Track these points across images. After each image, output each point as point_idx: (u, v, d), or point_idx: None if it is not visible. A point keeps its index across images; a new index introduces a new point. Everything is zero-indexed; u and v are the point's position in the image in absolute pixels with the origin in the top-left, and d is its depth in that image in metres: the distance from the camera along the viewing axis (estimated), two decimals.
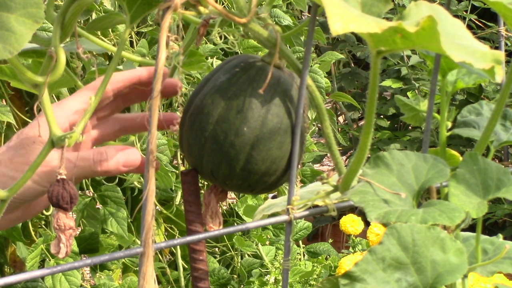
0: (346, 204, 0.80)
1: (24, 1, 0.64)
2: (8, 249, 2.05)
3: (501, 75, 0.63)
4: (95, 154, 0.86)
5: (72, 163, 0.84)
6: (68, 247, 0.72)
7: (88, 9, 1.63)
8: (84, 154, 0.86)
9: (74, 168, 0.85)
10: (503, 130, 0.91)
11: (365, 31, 0.62)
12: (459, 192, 0.76)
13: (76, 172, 0.85)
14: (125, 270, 2.27)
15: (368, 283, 0.67)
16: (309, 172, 2.35)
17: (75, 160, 0.85)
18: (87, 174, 0.89)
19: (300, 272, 2.27)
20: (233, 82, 0.81)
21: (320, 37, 2.32)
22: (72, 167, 0.84)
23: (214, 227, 0.86)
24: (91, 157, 0.85)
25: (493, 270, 0.82)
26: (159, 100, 0.66)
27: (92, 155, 0.86)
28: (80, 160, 0.85)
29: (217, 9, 0.72)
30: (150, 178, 0.66)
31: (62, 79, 1.18)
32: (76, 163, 0.85)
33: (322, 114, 0.80)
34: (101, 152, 0.86)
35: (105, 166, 0.86)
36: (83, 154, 0.86)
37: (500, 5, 0.71)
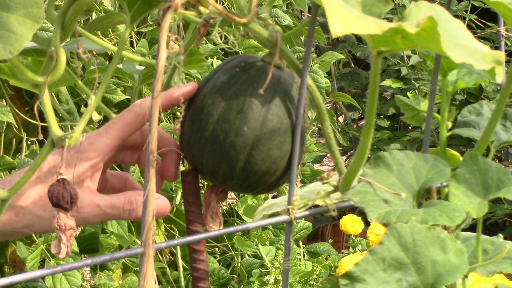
0: (346, 204, 0.80)
1: (24, 1, 0.64)
2: (8, 249, 2.05)
3: (501, 75, 0.63)
4: (126, 203, 0.84)
5: (101, 210, 0.83)
6: (68, 247, 0.72)
7: (88, 9, 1.63)
8: (115, 202, 0.83)
9: (103, 215, 0.83)
10: (503, 130, 0.91)
11: (365, 33, 0.62)
12: (459, 192, 0.76)
13: (104, 218, 0.84)
14: (125, 270, 2.27)
15: (368, 283, 0.67)
16: (309, 172, 2.35)
17: (105, 208, 0.83)
18: (113, 219, 0.87)
19: (300, 272, 2.27)
20: (233, 82, 0.81)
21: (320, 37, 2.32)
22: (101, 214, 0.83)
23: (214, 227, 0.86)
24: (121, 206, 0.83)
25: (494, 270, 0.82)
26: (159, 100, 0.66)
27: (123, 204, 0.84)
28: (110, 208, 0.83)
29: (217, 9, 0.72)
30: (150, 178, 0.66)
31: (62, 78, 1.18)
32: (105, 210, 0.83)
33: (322, 114, 0.80)
34: (131, 201, 0.84)
35: (134, 215, 0.84)
36: (114, 202, 0.83)
37: (500, 5, 0.71)
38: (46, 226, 0.83)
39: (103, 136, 0.84)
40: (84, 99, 1.84)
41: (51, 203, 0.71)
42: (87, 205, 0.82)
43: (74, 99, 1.77)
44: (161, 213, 0.85)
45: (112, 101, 1.91)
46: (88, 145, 0.83)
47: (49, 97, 0.72)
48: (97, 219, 0.84)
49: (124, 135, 0.84)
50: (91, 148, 0.83)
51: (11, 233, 0.85)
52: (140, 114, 0.84)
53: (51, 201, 0.71)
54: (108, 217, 0.84)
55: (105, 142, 0.84)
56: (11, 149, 2.05)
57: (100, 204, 0.83)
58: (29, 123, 2.03)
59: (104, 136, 0.84)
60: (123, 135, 0.84)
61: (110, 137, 0.84)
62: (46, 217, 0.82)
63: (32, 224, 0.83)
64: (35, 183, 0.82)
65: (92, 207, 0.83)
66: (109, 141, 0.84)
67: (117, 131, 0.84)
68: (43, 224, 0.83)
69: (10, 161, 1.72)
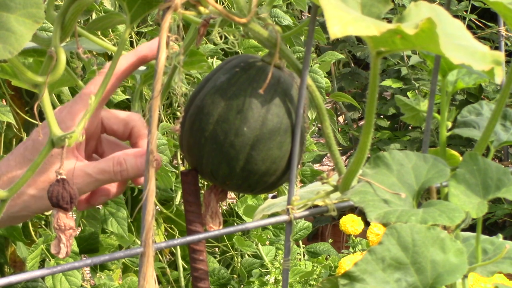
0: (346, 204, 0.80)
1: (24, 1, 0.64)
2: (8, 249, 2.05)
3: (500, 76, 0.63)
4: (115, 165, 0.83)
5: (92, 177, 0.83)
6: (68, 247, 0.72)
7: (88, 9, 1.64)
8: (104, 166, 0.83)
9: (95, 182, 0.83)
10: (503, 130, 0.91)
11: (364, 34, 0.62)
12: (459, 192, 0.76)
13: (97, 184, 0.84)
14: (125, 270, 2.27)
15: (367, 283, 0.67)
16: (309, 172, 2.35)
17: (95, 174, 0.83)
18: (107, 184, 0.87)
19: (300, 272, 2.27)
20: (233, 82, 0.81)
21: (320, 37, 2.32)
22: (93, 181, 0.83)
23: (214, 227, 0.86)
24: (111, 169, 0.83)
25: (493, 270, 0.82)
26: (159, 100, 0.66)
27: (112, 167, 0.83)
28: (100, 173, 0.83)
29: (217, 9, 0.72)
30: (150, 178, 0.66)
31: (63, 79, 1.18)
32: (96, 176, 0.83)
33: (322, 114, 0.80)
34: (120, 162, 0.83)
35: (125, 175, 0.84)
36: (103, 166, 0.83)
37: (500, 5, 0.71)
38: (42, 205, 0.83)
39: (79, 103, 0.83)
40: None
41: (50, 203, 0.71)
42: (77, 175, 0.82)
43: None
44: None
45: (112, 101, 1.91)
46: (66, 114, 0.82)
47: (49, 97, 0.72)
48: (91, 187, 0.84)
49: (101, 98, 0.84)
50: (69, 117, 0.82)
51: (10, 219, 0.85)
52: (114, 75, 0.83)
53: (50, 201, 0.71)
54: (101, 182, 0.84)
55: (81, 109, 0.82)
56: (11, 149, 2.05)
57: (90, 172, 0.82)
58: (29, 123, 2.03)
59: (79, 103, 0.83)
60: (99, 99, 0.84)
61: (86, 103, 0.82)
62: (39, 196, 0.82)
63: (28, 205, 0.82)
64: (23, 163, 0.82)
65: (82, 177, 0.82)
66: (85, 107, 0.82)
67: (90, 95, 0.83)
68: (39, 203, 0.82)
69: None
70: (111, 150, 0.90)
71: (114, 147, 0.90)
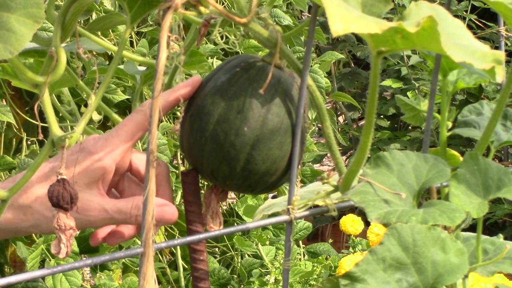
0: (346, 204, 0.80)
1: (24, 1, 0.64)
2: (8, 249, 2.05)
3: (501, 75, 0.63)
4: (133, 208, 0.83)
5: (108, 214, 0.82)
6: (68, 247, 0.72)
7: (89, 9, 1.63)
8: (122, 207, 0.83)
9: (109, 219, 0.83)
10: (504, 130, 0.91)
11: (365, 32, 0.62)
12: (459, 192, 0.76)
13: (110, 222, 0.84)
14: (125, 270, 2.27)
15: (368, 283, 0.67)
16: (309, 172, 2.35)
17: (112, 212, 0.82)
18: (120, 224, 0.87)
19: (300, 272, 2.27)
20: (233, 82, 0.81)
21: (320, 37, 2.32)
22: (108, 218, 0.82)
23: (215, 227, 0.86)
24: (128, 211, 0.83)
25: (494, 270, 0.82)
26: (159, 100, 0.66)
27: (130, 209, 0.83)
28: (117, 213, 0.82)
29: (217, 9, 0.72)
30: (150, 178, 0.66)
31: (63, 79, 1.18)
32: (112, 215, 0.82)
33: (323, 114, 0.80)
34: (138, 206, 0.83)
35: (140, 220, 0.83)
36: (121, 206, 0.83)
37: (500, 5, 0.71)
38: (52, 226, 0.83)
39: (115, 137, 0.84)
40: (84, 99, 1.84)
41: (51, 203, 0.71)
42: (93, 208, 0.82)
43: (74, 99, 1.77)
44: (169, 220, 0.84)
45: (112, 101, 1.91)
46: (100, 146, 0.83)
47: (49, 97, 0.72)
48: (104, 223, 0.83)
49: (134, 135, 0.84)
50: (103, 149, 0.83)
51: (17, 232, 0.85)
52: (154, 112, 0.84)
53: (51, 201, 0.71)
54: (115, 221, 0.83)
55: (117, 143, 0.83)
56: (11, 149, 2.05)
57: (107, 208, 0.82)
58: (29, 123, 2.03)
59: (115, 137, 0.84)
60: (134, 136, 0.84)
61: (121, 138, 0.83)
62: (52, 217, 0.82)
63: (39, 224, 0.82)
64: (43, 184, 0.82)
65: (99, 211, 0.82)
66: (121, 142, 0.83)
67: (127, 132, 0.84)
68: (50, 225, 0.82)
69: (10, 161, 1.72)
70: (131, 189, 0.90)
71: (134, 187, 0.90)
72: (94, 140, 0.84)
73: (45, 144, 0.72)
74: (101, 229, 0.89)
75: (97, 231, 0.89)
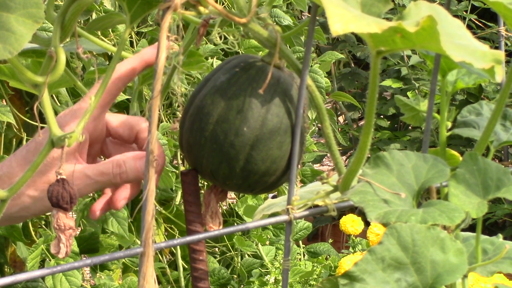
0: (346, 204, 0.80)
1: (24, 1, 0.64)
2: (8, 249, 2.05)
3: (501, 75, 0.63)
4: (114, 167, 0.83)
5: (92, 179, 0.83)
6: (68, 247, 0.72)
7: (88, 9, 1.63)
8: (103, 169, 0.83)
9: (94, 184, 0.83)
10: (503, 130, 0.91)
11: (365, 31, 0.62)
12: (459, 192, 0.76)
13: (96, 186, 0.84)
14: (125, 270, 2.27)
15: (367, 283, 0.67)
16: (309, 172, 2.35)
17: (94, 176, 0.83)
18: (107, 186, 0.87)
19: (300, 272, 2.27)
20: (233, 82, 0.81)
21: (320, 37, 2.31)
22: (92, 183, 0.83)
23: (214, 227, 0.86)
24: (110, 171, 0.83)
25: (493, 270, 0.82)
26: (159, 100, 0.66)
27: (112, 169, 0.83)
28: (99, 175, 0.83)
29: (217, 9, 0.72)
30: (150, 178, 0.66)
31: (62, 79, 1.18)
32: (95, 178, 0.83)
33: (322, 114, 0.80)
34: (119, 164, 0.83)
35: (125, 177, 0.84)
36: (102, 168, 0.83)
37: (500, 5, 0.71)
38: (42, 206, 0.83)
39: (83, 107, 0.84)
40: None
41: (50, 203, 0.71)
42: (76, 177, 0.82)
43: (73, 99, 1.77)
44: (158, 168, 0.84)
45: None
46: (71, 118, 0.83)
47: (49, 97, 0.72)
48: (90, 189, 0.84)
49: (104, 101, 0.84)
50: (73, 121, 0.83)
51: (10, 219, 0.85)
52: (117, 78, 0.84)
53: (50, 201, 0.71)
54: (100, 185, 0.84)
55: None
56: (11, 149, 2.05)
57: (89, 174, 0.83)
58: (29, 123, 2.03)
59: (83, 107, 0.83)
60: (103, 102, 0.84)
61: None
62: (39, 197, 0.82)
63: (27, 206, 0.83)
64: (23, 164, 0.83)
65: (81, 179, 0.83)
66: None
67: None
68: (38, 205, 0.83)
69: None
70: (117, 151, 0.90)
71: (120, 148, 0.90)
72: (64, 113, 0.84)
73: (45, 144, 0.72)
74: (96, 203, 0.89)
75: (93, 206, 0.89)
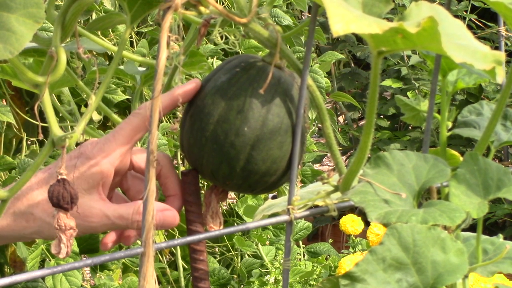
0: (346, 204, 0.80)
1: (24, 1, 0.64)
2: (8, 249, 2.05)
3: (501, 75, 0.63)
4: (134, 214, 0.82)
5: (110, 220, 0.82)
6: (68, 247, 0.72)
7: (89, 9, 1.63)
8: (123, 212, 0.82)
9: (111, 225, 0.82)
10: (504, 130, 0.91)
11: (366, 32, 0.62)
12: (459, 192, 0.76)
13: (112, 227, 0.83)
14: (125, 270, 2.27)
15: (368, 283, 0.67)
16: (309, 172, 2.35)
17: (113, 218, 0.82)
18: (122, 229, 0.86)
19: (300, 272, 2.27)
20: (233, 82, 0.81)
21: (320, 37, 2.31)
22: (109, 224, 0.82)
23: (215, 227, 0.86)
24: (129, 217, 0.82)
25: (494, 270, 0.82)
26: (159, 100, 0.66)
27: (131, 215, 0.82)
28: (118, 218, 0.82)
29: (217, 9, 0.72)
30: (150, 178, 0.66)
31: (63, 79, 1.18)
32: (113, 220, 0.82)
33: (323, 114, 0.80)
34: (140, 212, 0.82)
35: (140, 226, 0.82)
36: (122, 212, 0.82)
37: (500, 5, 0.71)
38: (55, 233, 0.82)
39: (112, 141, 0.83)
40: (84, 99, 1.84)
41: (51, 203, 0.71)
42: (95, 214, 0.81)
43: (74, 99, 1.77)
44: (170, 224, 0.84)
45: (112, 101, 1.91)
46: (98, 151, 0.82)
47: (50, 97, 0.72)
48: (105, 229, 0.83)
49: (132, 139, 0.84)
50: (100, 154, 0.82)
51: (20, 238, 0.85)
52: (147, 117, 0.84)
53: (51, 201, 0.71)
54: (116, 226, 0.83)
55: (114, 147, 0.83)
56: (11, 149, 2.05)
57: (109, 214, 0.82)
58: (29, 123, 2.03)
59: (112, 142, 0.83)
60: (131, 139, 0.84)
61: (118, 142, 0.83)
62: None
63: (42, 230, 0.82)
64: (43, 189, 0.82)
65: (100, 217, 0.82)
66: (118, 146, 0.83)
67: (125, 135, 0.83)
68: (52, 231, 0.82)
69: (10, 161, 1.72)
70: (135, 186, 0.90)
71: (139, 184, 0.90)
72: (92, 145, 0.83)
73: (45, 144, 0.72)
74: (109, 235, 0.89)
75: (105, 238, 0.88)
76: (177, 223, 0.84)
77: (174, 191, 0.86)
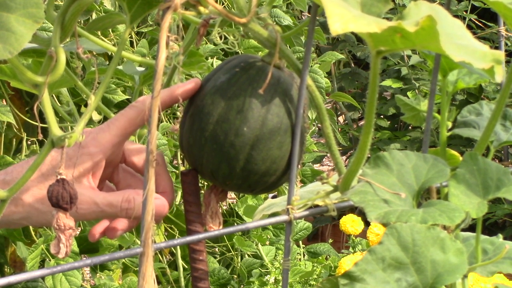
0: (346, 204, 0.80)
1: (24, 1, 0.64)
2: (8, 249, 2.05)
3: (501, 75, 0.63)
4: (123, 202, 0.83)
5: (99, 207, 0.82)
6: (68, 247, 0.72)
7: (88, 9, 1.63)
8: (112, 200, 0.83)
9: (100, 213, 0.83)
10: (503, 130, 0.91)
11: (364, 31, 0.62)
12: (459, 192, 0.76)
13: (101, 215, 0.83)
14: (125, 270, 2.27)
15: (367, 283, 0.67)
16: (309, 172, 2.35)
17: (102, 205, 0.82)
18: (111, 217, 0.86)
19: (300, 272, 2.27)
20: (233, 82, 0.81)
21: (320, 37, 2.31)
22: (98, 211, 0.82)
23: (214, 227, 0.86)
24: (118, 205, 0.83)
25: (493, 270, 0.82)
26: (159, 100, 0.66)
27: (120, 202, 0.83)
28: (107, 206, 0.82)
29: (217, 9, 0.72)
30: (150, 178, 0.66)
31: (62, 79, 1.18)
32: (103, 208, 0.82)
33: (322, 114, 0.80)
34: (129, 200, 0.83)
35: (131, 214, 0.83)
36: (112, 199, 0.83)
37: (500, 5, 0.71)
38: (43, 219, 0.83)
39: (106, 131, 0.83)
40: (84, 99, 1.84)
41: (50, 203, 0.71)
42: (84, 201, 0.82)
43: (74, 99, 1.77)
44: (160, 213, 0.84)
45: (112, 101, 1.91)
46: (90, 140, 0.83)
47: (49, 97, 0.72)
48: (94, 216, 0.83)
49: (126, 131, 0.84)
50: (93, 143, 0.83)
51: (8, 223, 0.85)
52: (143, 110, 0.84)
53: (50, 201, 0.71)
54: (105, 214, 0.83)
55: (107, 138, 0.83)
56: (11, 149, 2.05)
57: (98, 202, 0.82)
58: (29, 123, 2.03)
59: (106, 132, 0.83)
60: (125, 131, 0.84)
61: (112, 132, 0.83)
62: (43, 211, 0.82)
63: (30, 216, 0.82)
64: (36, 177, 0.82)
65: (89, 204, 0.82)
66: (111, 137, 0.83)
67: (119, 127, 0.84)
68: (40, 217, 0.82)
69: (10, 161, 1.72)
70: (126, 180, 0.90)
71: (129, 178, 0.90)
72: (85, 134, 0.83)
73: (45, 144, 0.72)
74: (97, 226, 0.89)
75: (93, 229, 0.89)
76: (167, 212, 0.85)
77: (165, 188, 0.86)
